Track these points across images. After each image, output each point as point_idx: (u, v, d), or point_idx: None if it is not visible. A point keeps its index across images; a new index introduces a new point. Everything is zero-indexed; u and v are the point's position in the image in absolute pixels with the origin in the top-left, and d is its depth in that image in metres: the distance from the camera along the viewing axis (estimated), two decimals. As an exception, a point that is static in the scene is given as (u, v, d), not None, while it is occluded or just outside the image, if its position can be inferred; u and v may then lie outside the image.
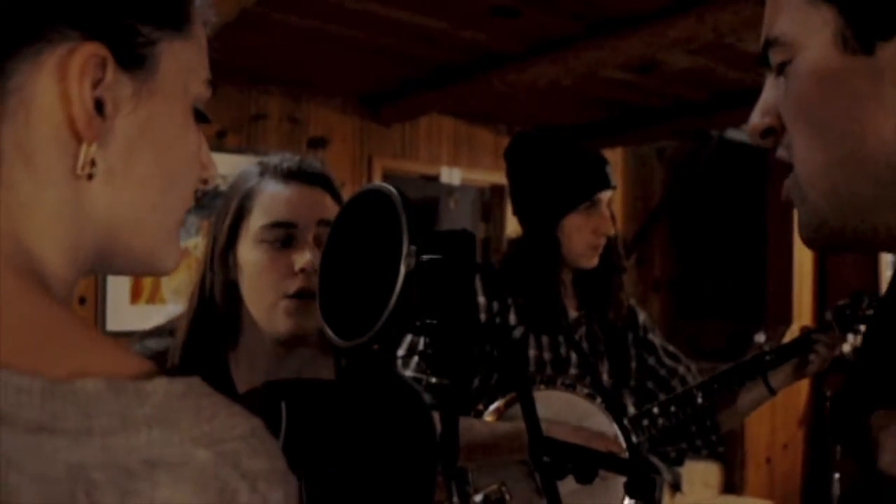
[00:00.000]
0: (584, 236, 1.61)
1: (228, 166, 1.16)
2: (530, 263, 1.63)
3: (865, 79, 0.50)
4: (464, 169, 4.18)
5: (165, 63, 0.50)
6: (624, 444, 1.49)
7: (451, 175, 4.14)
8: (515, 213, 1.72)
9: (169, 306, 3.05)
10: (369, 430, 1.08)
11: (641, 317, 1.79)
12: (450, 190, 4.38)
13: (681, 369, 1.76)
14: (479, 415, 1.52)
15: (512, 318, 1.63)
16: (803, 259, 3.91)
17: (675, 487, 3.14)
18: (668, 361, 1.76)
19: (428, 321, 0.73)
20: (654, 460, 1.83)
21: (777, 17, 0.56)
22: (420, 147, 4.07)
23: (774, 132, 0.58)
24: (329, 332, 0.74)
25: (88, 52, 0.45)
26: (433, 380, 0.75)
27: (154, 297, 3.07)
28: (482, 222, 4.60)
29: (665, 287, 4.75)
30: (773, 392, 1.63)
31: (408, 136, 4.01)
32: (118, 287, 2.98)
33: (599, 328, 1.70)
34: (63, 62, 0.44)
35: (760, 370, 1.61)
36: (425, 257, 0.67)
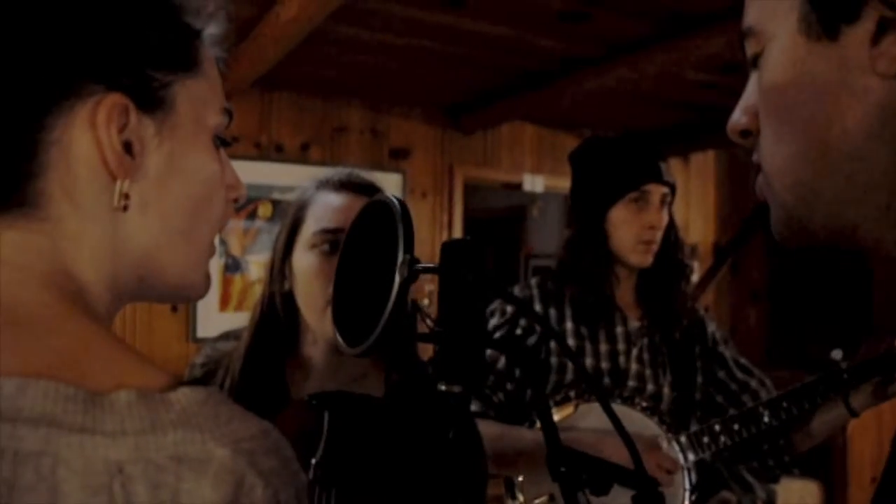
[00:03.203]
0: (632, 230, 1.56)
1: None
2: (581, 258, 1.59)
3: (830, 66, 0.48)
4: (547, 176, 4.13)
5: (181, 101, 0.56)
6: (681, 460, 1.43)
7: (533, 182, 4.10)
8: (571, 211, 1.70)
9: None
10: (409, 448, 1.08)
11: (711, 328, 1.71)
12: (533, 197, 4.35)
13: (753, 384, 1.67)
14: (534, 425, 1.50)
15: (569, 325, 1.60)
16: (913, 265, 3.62)
17: (769, 506, 2.99)
18: (739, 375, 1.67)
19: (436, 329, 0.74)
20: (748, 476, 1.74)
21: (749, 7, 0.53)
22: (502, 155, 4.06)
23: (752, 133, 0.55)
24: (338, 339, 0.76)
25: (111, 102, 0.52)
26: (443, 387, 0.75)
27: (241, 305, 3.20)
28: (567, 229, 4.53)
29: (764, 295, 4.53)
30: (854, 414, 1.51)
31: (489, 144, 4.01)
32: (208, 296, 3.10)
33: (662, 339, 1.65)
34: (91, 113, 0.51)
35: (835, 389, 1.50)
36: (420, 266, 0.68)
